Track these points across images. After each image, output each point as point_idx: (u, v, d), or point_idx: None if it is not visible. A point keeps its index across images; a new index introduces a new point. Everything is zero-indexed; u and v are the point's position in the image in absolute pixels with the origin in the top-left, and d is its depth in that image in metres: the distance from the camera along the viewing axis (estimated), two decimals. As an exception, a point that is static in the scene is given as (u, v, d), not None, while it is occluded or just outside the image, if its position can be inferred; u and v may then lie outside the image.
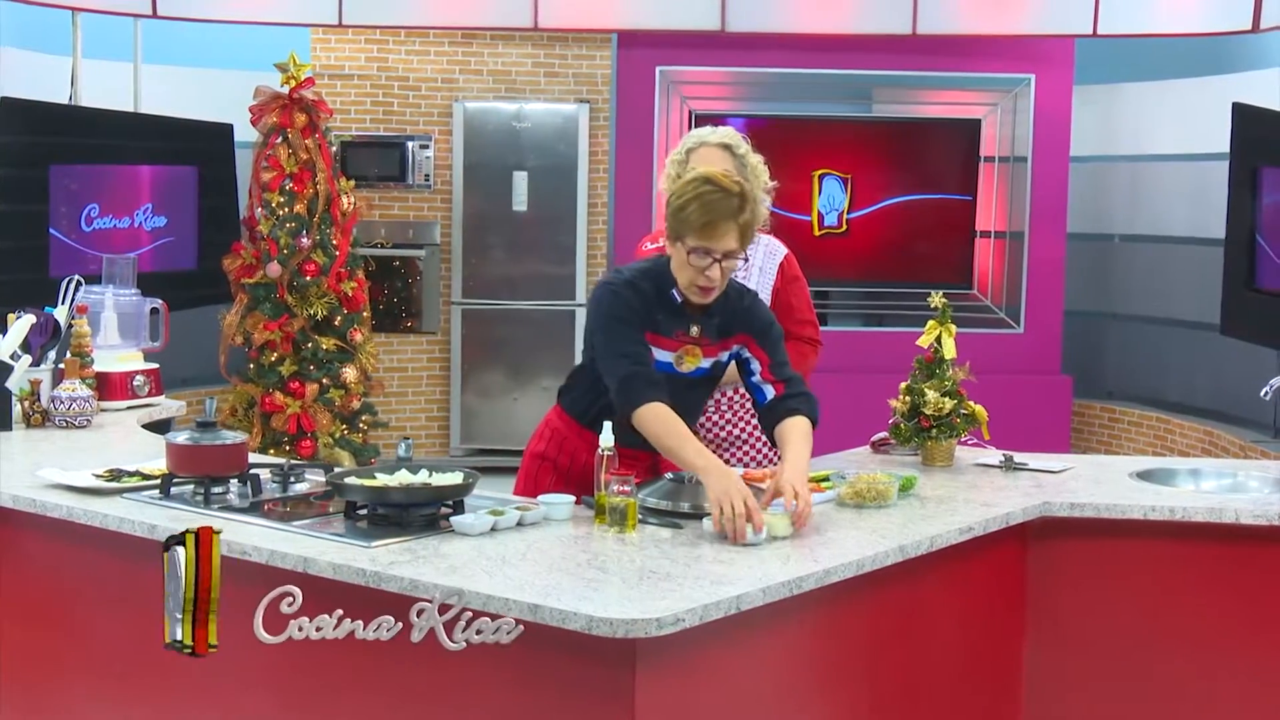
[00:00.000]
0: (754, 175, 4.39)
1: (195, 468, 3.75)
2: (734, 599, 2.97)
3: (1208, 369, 9.20)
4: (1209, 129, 8.93)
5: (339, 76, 9.29)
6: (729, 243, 3.70)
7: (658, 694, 2.92)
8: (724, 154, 4.38)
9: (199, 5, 8.42)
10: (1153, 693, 4.00)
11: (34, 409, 4.79)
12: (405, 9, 8.78)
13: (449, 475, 3.63)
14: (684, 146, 4.46)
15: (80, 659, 3.95)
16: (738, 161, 4.37)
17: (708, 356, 3.89)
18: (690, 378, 3.89)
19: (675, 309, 3.83)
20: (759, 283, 4.45)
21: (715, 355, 3.90)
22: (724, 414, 4.51)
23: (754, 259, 4.48)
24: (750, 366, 3.93)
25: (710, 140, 4.43)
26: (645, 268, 3.89)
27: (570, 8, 8.80)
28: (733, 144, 4.43)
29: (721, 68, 9.44)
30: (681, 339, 3.85)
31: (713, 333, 3.88)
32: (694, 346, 3.86)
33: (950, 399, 4.36)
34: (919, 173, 9.66)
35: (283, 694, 3.48)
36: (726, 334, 3.89)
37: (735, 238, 3.70)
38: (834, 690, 3.44)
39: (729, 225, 3.69)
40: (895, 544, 3.43)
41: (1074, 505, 3.93)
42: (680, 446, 3.65)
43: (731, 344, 3.91)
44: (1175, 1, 8.52)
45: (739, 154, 4.42)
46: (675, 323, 3.84)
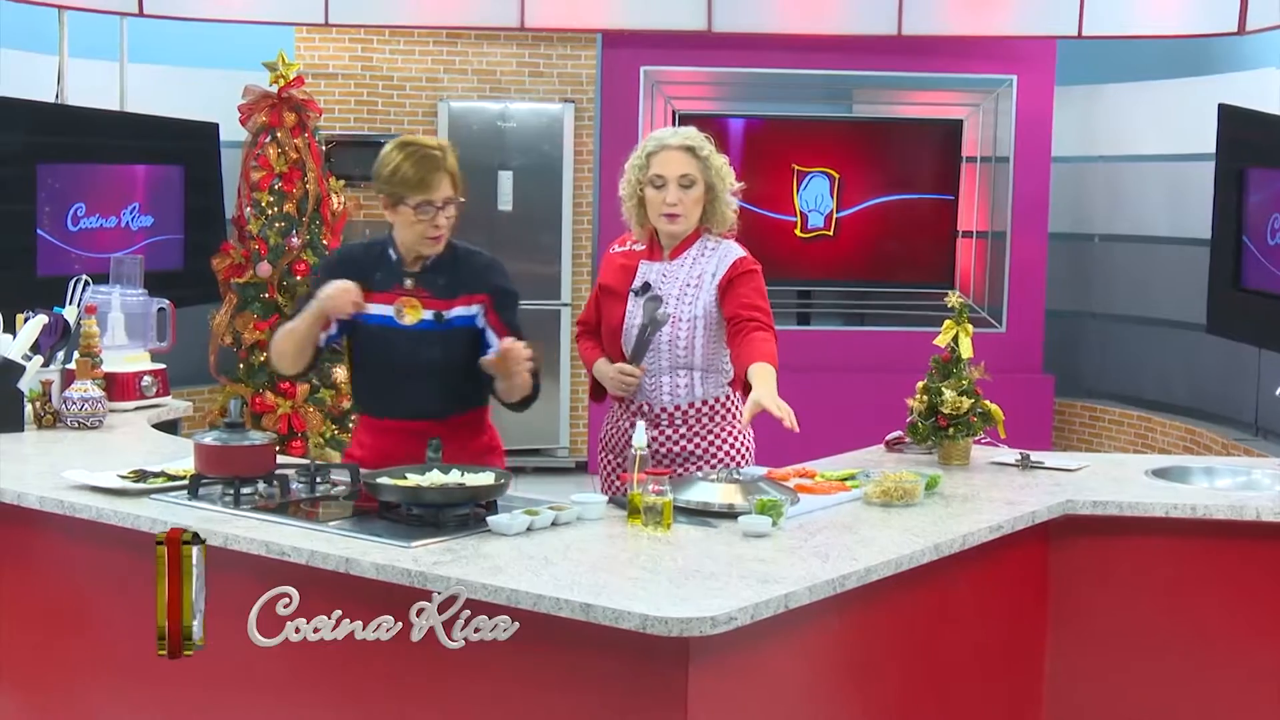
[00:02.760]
0: (719, 177, 4.26)
1: (224, 468, 3.74)
2: (782, 597, 2.99)
3: (1188, 368, 9.30)
4: (1188, 130, 9.02)
5: (323, 76, 9.27)
6: (445, 190, 4.04)
7: (709, 691, 2.93)
8: (686, 156, 4.22)
9: (185, 4, 8.38)
10: (1173, 689, 4.04)
11: (45, 410, 4.77)
12: (392, 8, 8.76)
13: (481, 475, 3.63)
14: (644, 150, 4.31)
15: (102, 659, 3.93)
16: (700, 163, 4.23)
17: (429, 309, 4.10)
18: (415, 330, 4.10)
19: (391, 266, 4.14)
20: (710, 284, 4.24)
21: (441, 310, 4.11)
22: (678, 428, 4.28)
23: (709, 262, 4.27)
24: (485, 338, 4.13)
25: (671, 143, 4.25)
26: (374, 238, 4.24)
27: (556, 7, 8.80)
28: (695, 145, 4.24)
29: (705, 68, 9.47)
30: (398, 291, 4.10)
31: (439, 290, 4.12)
32: (411, 299, 4.10)
33: (967, 398, 4.38)
34: (901, 173, 9.72)
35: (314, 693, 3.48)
36: (455, 293, 4.12)
37: (449, 184, 4.05)
38: (867, 686, 3.47)
39: (439, 175, 4.03)
40: (930, 542, 3.45)
41: (1096, 503, 3.97)
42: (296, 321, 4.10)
43: (462, 302, 4.12)
44: (1160, 3, 8.59)
45: (702, 155, 4.24)
46: (392, 278, 4.13)
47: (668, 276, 4.28)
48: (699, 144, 4.25)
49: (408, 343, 4.10)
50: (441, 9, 8.79)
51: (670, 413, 4.28)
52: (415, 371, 4.12)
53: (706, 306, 4.24)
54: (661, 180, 4.22)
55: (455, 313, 4.11)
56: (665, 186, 4.22)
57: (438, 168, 4.02)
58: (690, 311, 4.23)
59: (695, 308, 4.23)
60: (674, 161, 4.21)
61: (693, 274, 4.26)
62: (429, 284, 4.12)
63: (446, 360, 4.14)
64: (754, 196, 9.33)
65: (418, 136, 4.18)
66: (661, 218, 4.25)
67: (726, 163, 4.32)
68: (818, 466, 4.22)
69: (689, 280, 4.26)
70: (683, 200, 4.22)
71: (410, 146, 4.06)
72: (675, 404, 4.27)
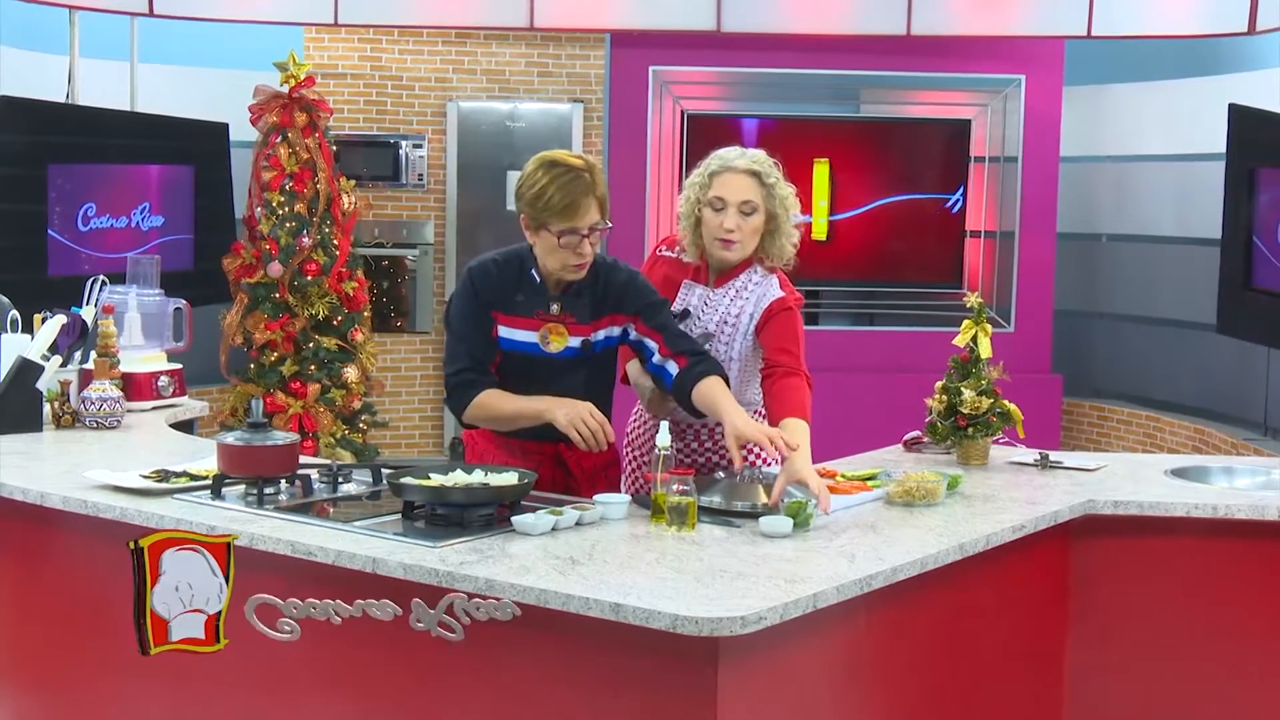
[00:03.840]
0: (783, 208, 4.10)
1: (247, 468, 3.74)
2: (810, 597, 2.99)
3: (1196, 368, 9.30)
4: (1197, 130, 9.02)
5: (333, 76, 9.26)
6: (592, 216, 3.81)
7: (738, 690, 2.94)
8: (750, 181, 4.06)
9: (195, 4, 8.38)
10: (1194, 689, 4.05)
11: (63, 410, 4.77)
12: (401, 8, 8.76)
13: (505, 475, 3.63)
14: (707, 169, 4.13)
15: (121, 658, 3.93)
16: (765, 191, 4.06)
17: (576, 335, 3.93)
18: (560, 359, 3.94)
19: (535, 288, 3.92)
20: (748, 326, 4.14)
21: (586, 334, 3.94)
22: (703, 442, 4.24)
23: (749, 300, 4.15)
24: (646, 348, 3.96)
25: (737, 165, 4.08)
26: (509, 251, 3.99)
27: (565, 7, 8.80)
28: (762, 172, 4.07)
29: (713, 68, 9.47)
30: (543, 317, 3.92)
31: (581, 312, 3.93)
32: (557, 325, 3.92)
33: (987, 398, 4.38)
34: (910, 173, 9.71)
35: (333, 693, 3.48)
36: (599, 313, 3.94)
37: (596, 210, 3.83)
38: (891, 685, 3.47)
39: (588, 201, 3.80)
40: (955, 542, 3.46)
41: (1118, 503, 3.97)
42: (516, 409, 3.86)
43: (606, 323, 3.95)
44: (1170, 3, 8.58)
45: (768, 183, 4.07)
46: (536, 302, 3.92)
47: (709, 305, 4.16)
48: (766, 170, 4.08)
49: (551, 370, 3.93)
50: (450, 9, 8.80)
51: (697, 428, 4.24)
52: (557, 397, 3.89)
53: (743, 351, 4.14)
54: (722, 203, 4.05)
55: (600, 336, 3.96)
56: (725, 210, 4.06)
57: (586, 193, 3.79)
58: (726, 353, 4.13)
59: (731, 350, 4.14)
60: (737, 185, 4.05)
61: (732, 310, 4.14)
62: (573, 308, 3.93)
63: (589, 386, 3.97)
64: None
65: (563, 155, 3.88)
66: (716, 242, 4.08)
67: (794, 193, 4.14)
68: (838, 466, 4.23)
69: (727, 317, 4.14)
70: (741, 227, 4.06)
71: (557, 168, 3.81)
72: (704, 422, 4.18)
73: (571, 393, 3.88)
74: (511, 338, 3.93)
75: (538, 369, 3.92)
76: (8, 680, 4.28)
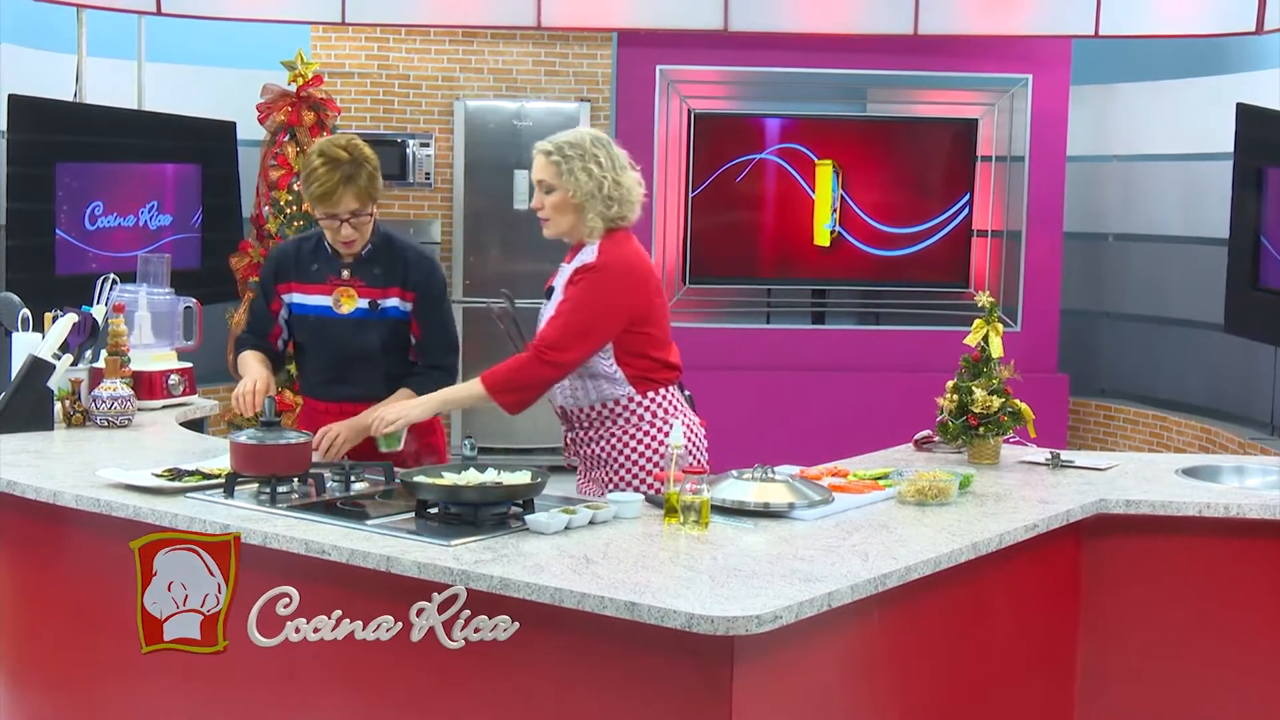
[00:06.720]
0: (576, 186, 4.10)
1: (260, 467, 3.75)
2: (825, 596, 2.99)
3: (1202, 367, 9.30)
4: (1204, 129, 9.03)
5: (340, 75, 9.28)
6: (349, 204, 4.23)
7: (754, 689, 2.94)
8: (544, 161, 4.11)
9: (203, 3, 8.37)
10: (1205, 688, 4.05)
11: (74, 408, 4.78)
12: (408, 7, 8.75)
13: (518, 474, 3.64)
14: None
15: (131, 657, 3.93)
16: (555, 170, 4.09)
17: (364, 297, 4.36)
18: (351, 319, 4.37)
19: (328, 258, 4.40)
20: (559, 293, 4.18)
21: (375, 297, 4.36)
22: (587, 430, 4.24)
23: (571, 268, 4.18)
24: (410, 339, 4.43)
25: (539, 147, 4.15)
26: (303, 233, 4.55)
27: (572, 7, 8.79)
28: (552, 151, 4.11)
29: (720, 67, 9.47)
30: (334, 282, 4.37)
31: (372, 279, 4.36)
32: (347, 288, 4.36)
33: (998, 397, 4.38)
34: (916, 172, 9.71)
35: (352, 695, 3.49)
36: (389, 283, 4.37)
37: (354, 199, 4.23)
38: (905, 683, 3.47)
39: (344, 190, 4.21)
40: (968, 541, 3.46)
41: (1129, 502, 3.97)
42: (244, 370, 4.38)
43: (395, 294, 4.37)
44: (1177, 3, 8.58)
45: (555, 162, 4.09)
46: (328, 269, 4.38)
47: (559, 280, 4.26)
48: (558, 149, 4.10)
49: (346, 330, 4.37)
50: (458, 8, 8.79)
51: (574, 414, 4.24)
52: (355, 357, 4.38)
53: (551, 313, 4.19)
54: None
55: (389, 303, 4.37)
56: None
57: (342, 184, 4.19)
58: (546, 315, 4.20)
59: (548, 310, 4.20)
60: (536, 165, 4.14)
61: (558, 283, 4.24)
62: (363, 274, 4.36)
63: (384, 345, 4.39)
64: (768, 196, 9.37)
65: (335, 145, 4.26)
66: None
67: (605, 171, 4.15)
68: (849, 465, 4.23)
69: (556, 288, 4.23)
70: (544, 204, 4.15)
71: (322, 158, 4.20)
72: (578, 405, 4.21)
73: (366, 351, 4.37)
74: (306, 303, 4.41)
75: (331, 329, 4.38)
76: (21, 678, 4.28)
